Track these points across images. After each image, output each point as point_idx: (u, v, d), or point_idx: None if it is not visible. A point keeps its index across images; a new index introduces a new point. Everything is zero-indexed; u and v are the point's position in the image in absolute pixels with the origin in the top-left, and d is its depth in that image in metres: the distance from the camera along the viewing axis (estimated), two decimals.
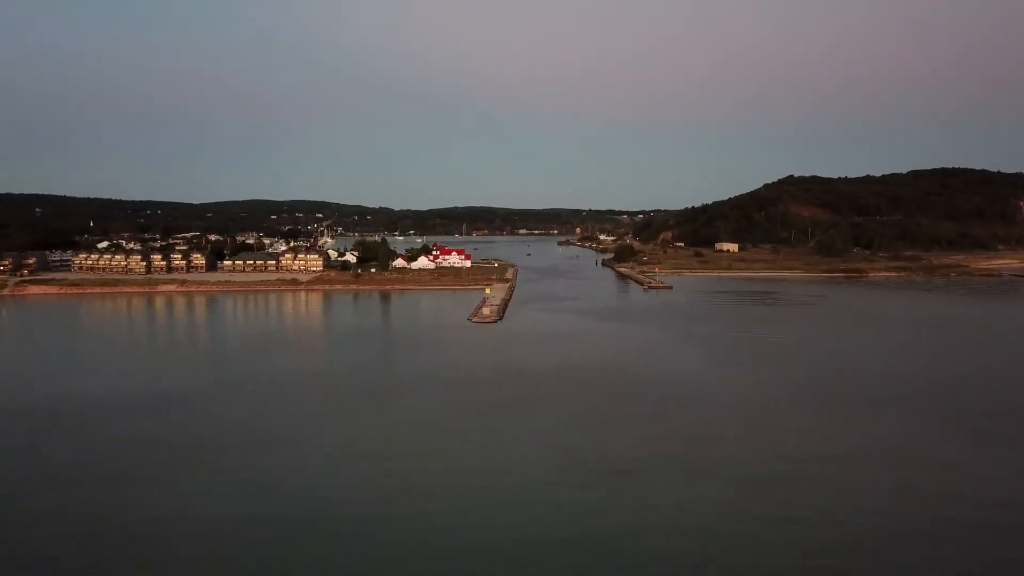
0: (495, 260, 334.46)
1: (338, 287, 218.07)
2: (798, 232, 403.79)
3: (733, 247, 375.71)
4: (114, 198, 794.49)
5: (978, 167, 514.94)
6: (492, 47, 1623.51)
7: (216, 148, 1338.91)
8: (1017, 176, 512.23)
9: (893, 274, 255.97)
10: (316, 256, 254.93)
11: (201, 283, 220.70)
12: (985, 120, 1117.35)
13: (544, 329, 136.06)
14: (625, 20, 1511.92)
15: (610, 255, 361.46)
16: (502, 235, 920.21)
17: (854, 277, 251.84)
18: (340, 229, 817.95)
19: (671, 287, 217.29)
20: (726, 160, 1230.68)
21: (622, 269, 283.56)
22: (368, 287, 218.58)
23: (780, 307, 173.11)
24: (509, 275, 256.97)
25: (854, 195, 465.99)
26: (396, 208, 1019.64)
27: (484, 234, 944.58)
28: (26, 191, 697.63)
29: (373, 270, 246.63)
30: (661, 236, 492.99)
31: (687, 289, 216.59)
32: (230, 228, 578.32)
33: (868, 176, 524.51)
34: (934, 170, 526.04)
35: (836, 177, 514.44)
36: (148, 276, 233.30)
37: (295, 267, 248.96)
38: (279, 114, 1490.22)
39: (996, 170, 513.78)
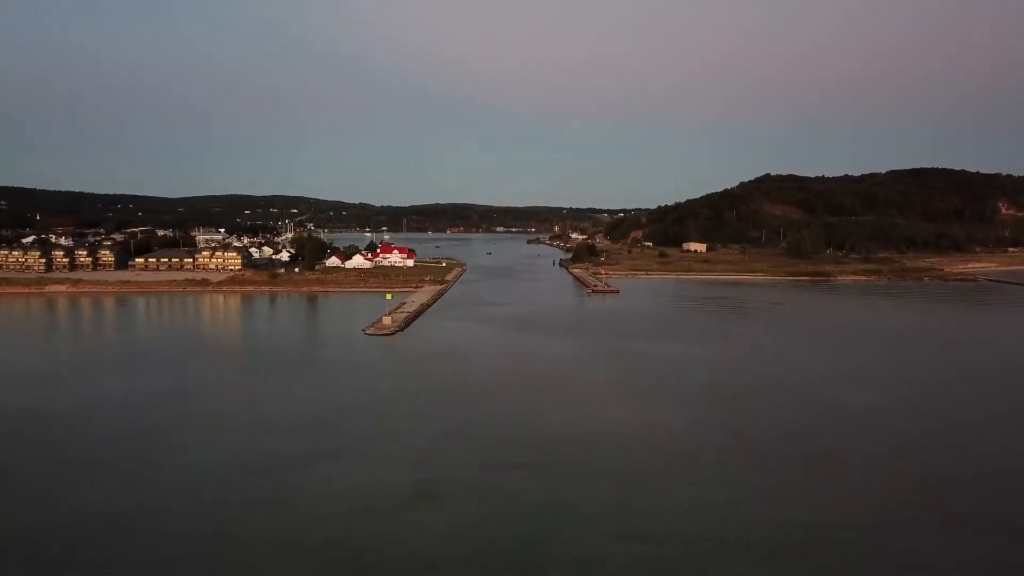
0: (445, 259, 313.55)
1: (250, 288, 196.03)
2: (769, 232, 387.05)
3: (701, 247, 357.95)
4: (87, 191, 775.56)
5: (957, 167, 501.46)
6: (478, 44, 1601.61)
7: (200, 144, 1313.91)
8: (995, 177, 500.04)
9: (862, 277, 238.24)
10: (234, 254, 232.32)
11: (98, 283, 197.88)
12: (965, 120, 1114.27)
13: (446, 344, 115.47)
14: (609, 19, 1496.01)
15: (570, 255, 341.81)
16: (478, 232, 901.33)
17: (820, 280, 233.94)
18: (311, 225, 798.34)
19: (617, 291, 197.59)
20: (709, 159, 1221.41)
21: (575, 270, 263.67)
22: (283, 289, 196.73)
23: (728, 315, 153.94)
24: (450, 276, 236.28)
25: (829, 194, 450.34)
26: (376, 204, 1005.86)
27: (460, 231, 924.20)
28: None
29: (297, 269, 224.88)
30: (631, 235, 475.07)
31: (637, 293, 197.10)
32: (187, 223, 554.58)
33: (846, 176, 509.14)
34: (912, 170, 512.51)
35: (814, 176, 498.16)
36: (43, 275, 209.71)
37: (212, 265, 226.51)
38: (264, 110, 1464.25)
39: (975, 170, 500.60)
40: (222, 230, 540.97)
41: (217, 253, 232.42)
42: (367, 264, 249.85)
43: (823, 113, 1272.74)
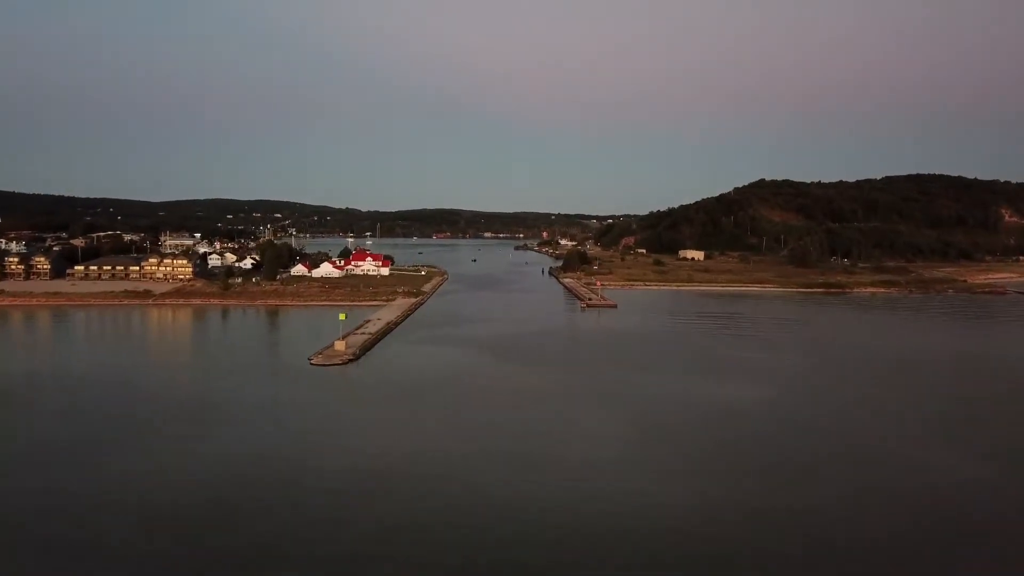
0: (426, 267, 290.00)
1: (196, 301, 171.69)
2: (769, 239, 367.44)
3: (698, 255, 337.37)
4: (67, 195, 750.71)
5: (954, 173, 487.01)
6: (466, 48, 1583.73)
7: (186, 147, 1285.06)
8: (995, 183, 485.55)
9: (880, 289, 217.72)
10: (185, 261, 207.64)
11: (22, 294, 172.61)
12: (961, 127, 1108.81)
13: (405, 379, 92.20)
14: (598, 22, 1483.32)
15: (561, 263, 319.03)
16: (465, 238, 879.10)
17: (835, 292, 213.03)
18: (293, 230, 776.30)
19: (615, 305, 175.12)
20: (699, 164, 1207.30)
21: (567, 280, 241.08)
22: (235, 302, 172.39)
23: (747, 337, 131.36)
24: (428, 287, 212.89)
25: (828, 200, 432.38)
26: (363, 209, 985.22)
27: (447, 236, 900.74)
28: None
29: (255, 279, 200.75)
30: (623, 242, 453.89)
31: (636, 307, 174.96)
32: (163, 227, 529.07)
33: (841, 181, 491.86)
34: (910, 176, 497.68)
35: (809, 182, 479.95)
36: None
37: (159, 274, 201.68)
38: (252, 114, 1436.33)
39: (973, 176, 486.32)
40: (197, 235, 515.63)
41: (166, 260, 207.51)
42: (336, 273, 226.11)
43: (815, 118, 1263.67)
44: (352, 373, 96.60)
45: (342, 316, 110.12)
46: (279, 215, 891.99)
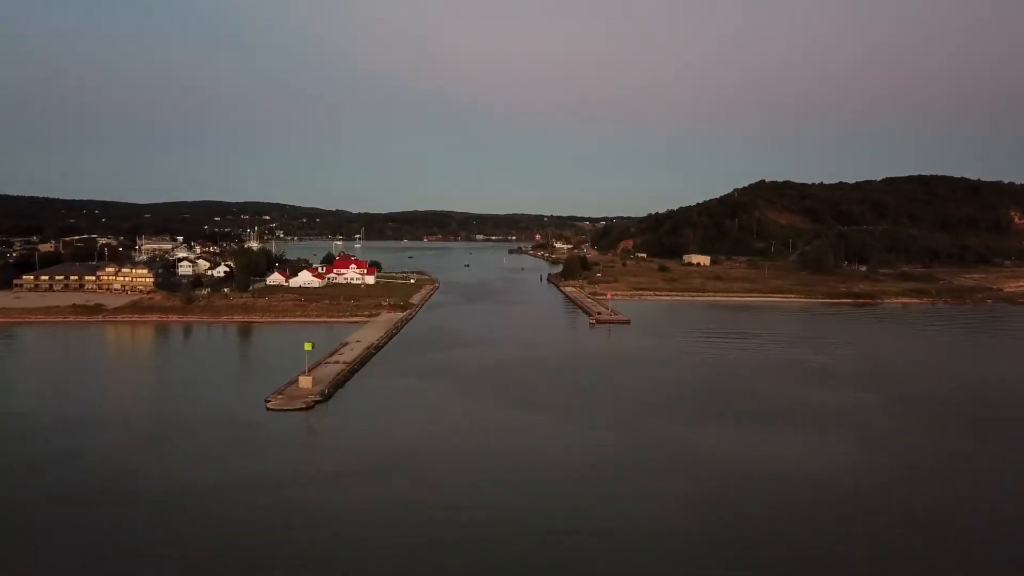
0: (415, 273, 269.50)
1: (153, 318, 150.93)
2: (776, 243, 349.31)
3: (704, 260, 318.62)
4: (52, 197, 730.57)
5: (956, 175, 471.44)
6: (458, 48, 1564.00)
7: (176, 149, 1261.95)
8: (1001, 184, 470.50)
9: (913, 299, 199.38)
10: (145, 271, 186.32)
11: None
12: (961, 127, 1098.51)
13: (382, 435, 72.54)
14: (595, 22, 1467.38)
15: (559, 268, 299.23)
16: (457, 240, 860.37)
17: (865, 303, 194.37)
18: (281, 233, 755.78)
19: (628, 320, 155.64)
20: (695, 165, 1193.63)
21: (569, 289, 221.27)
22: (197, 318, 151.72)
23: (790, 368, 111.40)
24: (417, 298, 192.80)
25: (835, 202, 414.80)
26: (353, 211, 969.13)
27: (438, 239, 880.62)
28: None
29: (225, 290, 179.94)
30: (621, 245, 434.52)
31: (650, 323, 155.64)
32: (144, 230, 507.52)
33: (841, 183, 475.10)
34: (912, 177, 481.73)
35: (810, 183, 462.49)
36: None
37: (116, 285, 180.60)
38: (241, 115, 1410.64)
39: (976, 178, 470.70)
40: (179, 238, 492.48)
41: (124, 270, 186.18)
42: (316, 282, 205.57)
43: (813, 118, 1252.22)
44: (315, 423, 76.61)
45: (308, 346, 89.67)
46: (267, 217, 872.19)
